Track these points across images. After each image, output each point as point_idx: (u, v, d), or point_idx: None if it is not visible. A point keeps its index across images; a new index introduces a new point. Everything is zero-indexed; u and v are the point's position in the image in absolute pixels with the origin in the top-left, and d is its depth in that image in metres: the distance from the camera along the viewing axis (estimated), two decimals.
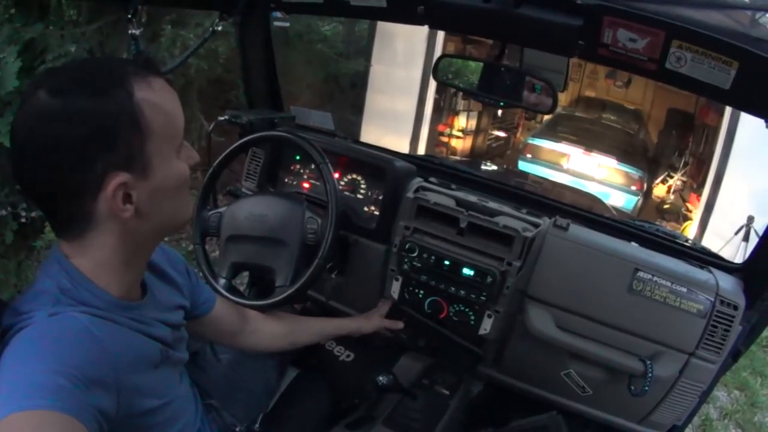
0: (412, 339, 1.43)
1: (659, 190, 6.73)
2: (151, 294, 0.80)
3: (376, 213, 1.39)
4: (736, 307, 1.13)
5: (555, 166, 5.58)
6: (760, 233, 1.20)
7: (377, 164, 1.37)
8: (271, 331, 1.16)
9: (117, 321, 0.69)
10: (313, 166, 1.47)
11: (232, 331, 1.09)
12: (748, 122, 4.05)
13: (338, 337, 1.50)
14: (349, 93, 5.26)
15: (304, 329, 1.23)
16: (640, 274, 1.15)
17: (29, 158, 0.63)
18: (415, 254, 1.24)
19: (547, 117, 6.75)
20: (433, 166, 1.57)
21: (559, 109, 6.36)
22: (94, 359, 0.61)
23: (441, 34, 5.32)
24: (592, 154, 5.52)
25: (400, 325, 1.35)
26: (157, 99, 0.67)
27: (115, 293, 0.70)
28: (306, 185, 1.50)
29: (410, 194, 1.28)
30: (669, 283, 1.14)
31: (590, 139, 5.98)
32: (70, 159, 0.62)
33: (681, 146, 7.37)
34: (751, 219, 3.61)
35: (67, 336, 0.61)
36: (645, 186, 5.69)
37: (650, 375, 1.13)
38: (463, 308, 1.26)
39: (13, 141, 0.64)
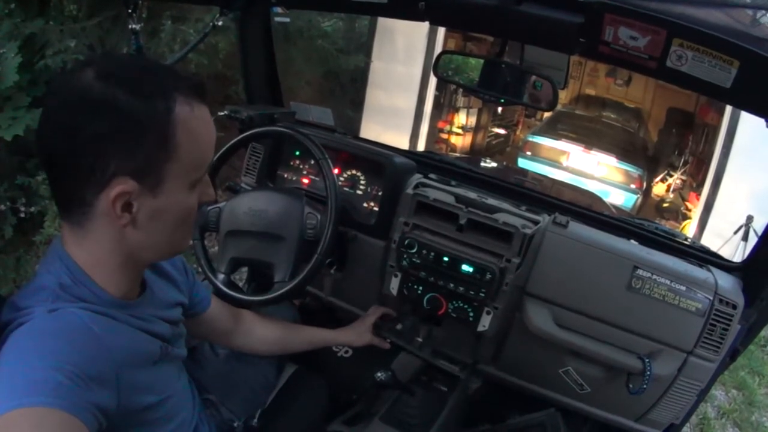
0: (410, 337, 1.43)
1: (659, 189, 6.73)
2: (150, 291, 0.80)
3: (376, 209, 1.39)
4: (734, 306, 1.13)
5: (555, 163, 5.58)
6: (760, 232, 1.20)
7: (377, 160, 1.37)
8: (264, 335, 1.16)
9: (116, 318, 0.69)
10: (312, 162, 1.47)
11: (226, 330, 1.10)
12: (749, 121, 4.05)
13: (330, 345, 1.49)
14: (349, 89, 5.24)
15: (296, 337, 1.24)
16: (639, 271, 1.15)
17: (51, 124, 0.63)
18: (414, 250, 1.24)
19: (547, 114, 6.76)
20: (432, 162, 1.57)
21: (559, 107, 6.36)
22: (94, 356, 0.61)
23: (441, 31, 5.30)
24: (592, 151, 5.53)
25: (387, 346, 1.33)
26: (194, 125, 0.66)
27: (113, 292, 0.70)
28: (305, 181, 1.50)
29: (410, 190, 1.27)
30: (668, 281, 1.14)
31: (590, 136, 5.99)
32: (86, 146, 0.61)
33: (681, 145, 7.38)
34: (750, 218, 3.61)
35: (66, 332, 0.61)
36: (644, 184, 5.69)
37: (648, 373, 1.13)
38: (461, 305, 1.26)
39: (45, 99, 0.64)
